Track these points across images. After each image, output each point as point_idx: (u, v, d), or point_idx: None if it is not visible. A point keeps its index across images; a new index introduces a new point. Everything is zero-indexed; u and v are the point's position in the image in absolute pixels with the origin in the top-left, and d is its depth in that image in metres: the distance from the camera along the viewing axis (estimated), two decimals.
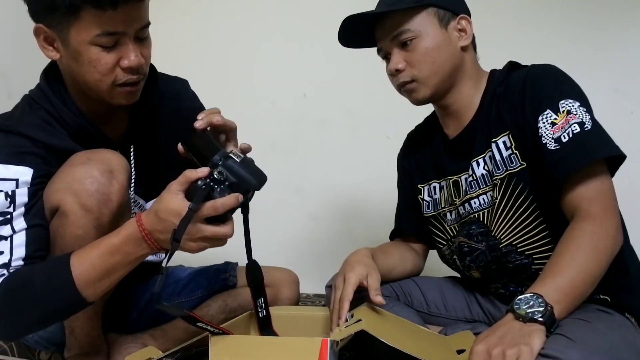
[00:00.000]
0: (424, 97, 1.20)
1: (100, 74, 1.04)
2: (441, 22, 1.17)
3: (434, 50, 1.16)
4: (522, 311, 0.91)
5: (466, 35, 1.19)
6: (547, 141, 1.06)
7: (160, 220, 0.95)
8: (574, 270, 0.96)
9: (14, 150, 1.03)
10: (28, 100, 1.12)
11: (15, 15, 1.80)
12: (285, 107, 2.18)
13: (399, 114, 2.06)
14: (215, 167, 0.96)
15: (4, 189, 1.00)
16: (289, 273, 1.49)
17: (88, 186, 1.03)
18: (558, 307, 0.92)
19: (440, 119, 1.28)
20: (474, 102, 1.20)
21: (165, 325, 1.33)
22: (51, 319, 1.06)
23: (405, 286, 1.33)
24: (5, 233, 0.99)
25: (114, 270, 0.99)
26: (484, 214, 1.19)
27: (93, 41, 1.01)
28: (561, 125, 1.05)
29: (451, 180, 1.25)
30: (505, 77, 1.18)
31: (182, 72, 1.38)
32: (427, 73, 1.17)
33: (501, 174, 1.14)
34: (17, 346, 1.35)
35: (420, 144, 1.37)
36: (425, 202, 1.33)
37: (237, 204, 0.95)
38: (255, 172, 1.00)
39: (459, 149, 1.23)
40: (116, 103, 1.09)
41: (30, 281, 0.97)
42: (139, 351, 1.09)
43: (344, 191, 2.10)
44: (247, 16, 2.21)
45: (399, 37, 1.17)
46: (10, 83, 1.76)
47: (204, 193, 0.93)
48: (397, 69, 1.19)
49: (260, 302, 1.11)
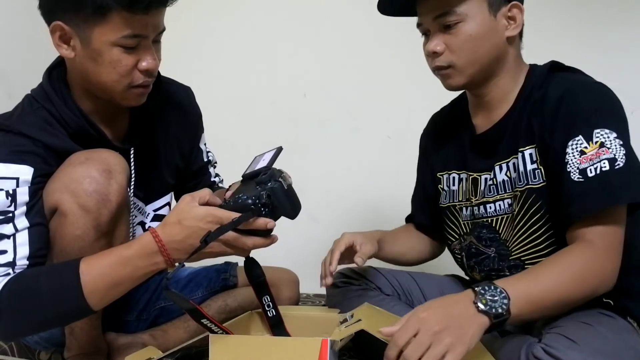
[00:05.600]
0: (457, 85, 1.14)
1: (119, 74, 1.05)
2: (491, 8, 1.09)
3: (478, 38, 1.08)
4: (484, 299, 0.90)
5: (515, 25, 1.11)
6: (572, 170, 1.00)
7: (184, 228, 0.95)
8: (553, 285, 0.95)
9: (14, 149, 1.03)
10: (29, 99, 1.12)
11: (15, 16, 1.81)
12: (285, 107, 2.18)
13: (399, 114, 2.08)
14: (262, 186, 0.98)
15: (5, 188, 1.00)
16: (289, 273, 1.49)
17: (86, 186, 1.02)
18: (515, 315, 0.90)
19: (471, 107, 1.23)
20: (509, 98, 1.14)
21: (165, 325, 1.33)
22: (53, 323, 1.06)
23: (406, 285, 1.33)
24: (8, 232, 0.99)
25: (122, 282, 0.98)
26: (497, 220, 1.16)
27: (117, 42, 1.02)
28: (590, 157, 0.99)
29: (471, 177, 1.21)
30: (544, 82, 1.11)
31: (182, 72, 1.38)
32: (466, 62, 1.10)
33: (522, 186, 1.10)
34: (17, 346, 1.35)
35: (445, 129, 1.31)
36: (444, 191, 1.29)
37: (265, 228, 0.97)
38: (295, 201, 1.02)
39: (484, 146, 1.18)
40: (126, 104, 1.11)
41: (37, 284, 0.96)
42: (139, 351, 1.09)
43: (344, 191, 2.10)
44: (247, 16, 2.21)
45: (443, 19, 1.09)
46: (10, 83, 1.76)
47: (255, 213, 0.96)
48: (434, 51, 1.11)
49: (267, 301, 1.10)
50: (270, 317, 1.11)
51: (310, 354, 0.95)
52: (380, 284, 1.33)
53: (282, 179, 1.00)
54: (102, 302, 0.99)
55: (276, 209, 0.98)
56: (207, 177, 1.39)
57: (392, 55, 2.04)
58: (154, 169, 1.25)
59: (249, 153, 2.33)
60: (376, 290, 1.32)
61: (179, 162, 1.32)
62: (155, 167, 1.26)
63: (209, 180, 1.40)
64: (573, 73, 1.13)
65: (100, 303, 0.99)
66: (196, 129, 1.36)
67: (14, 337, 1.14)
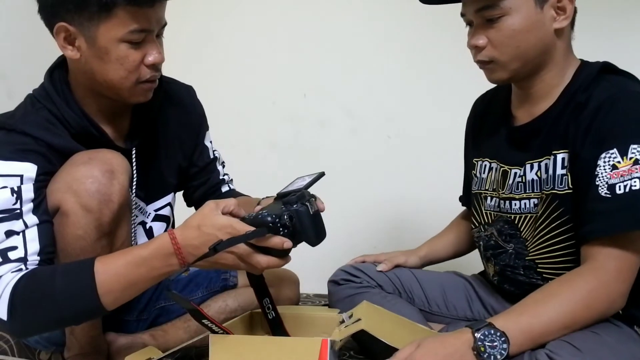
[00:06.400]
0: (500, 79, 1.12)
1: (127, 71, 1.05)
2: (537, 0, 1.04)
3: (522, 33, 1.04)
4: (483, 347, 0.88)
5: (564, 16, 1.05)
6: (600, 183, 0.96)
7: (202, 234, 0.95)
8: (555, 318, 0.93)
9: (17, 147, 1.03)
10: (31, 99, 1.12)
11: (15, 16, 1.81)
12: (285, 107, 2.18)
13: (399, 114, 2.08)
14: (287, 206, 0.97)
15: (9, 185, 1.00)
16: (289, 273, 1.49)
17: (89, 186, 1.02)
18: (515, 352, 0.90)
19: (514, 97, 1.19)
20: (553, 94, 1.09)
21: (165, 325, 1.33)
22: (66, 322, 1.06)
23: (407, 283, 1.33)
24: (17, 228, 0.99)
25: (137, 283, 0.98)
26: (520, 218, 1.14)
27: (123, 38, 1.02)
28: (622, 172, 0.95)
29: (502, 169, 1.18)
30: (591, 84, 1.05)
31: (182, 71, 1.38)
32: (509, 57, 1.06)
33: (548, 189, 1.08)
34: (17, 346, 1.35)
35: (484, 115, 1.29)
36: (476, 177, 1.27)
37: (281, 248, 0.96)
38: (320, 229, 1.00)
39: (520, 139, 1.15)
40: (135, 101, 1.11)
41: (52, 282, 0.96)
42: (139, 351, 1.09)
43: (343, 191, 2.10)
44: (247, 16, 2.21)
45: (485, 12, 1.05)
46: (10, 84, 1.76)
47: (271, 231, 0.94)
48: (476, 45, 1.08)
49: (267, 303, 1.10)
50: (270, 319, 1.11)
51: (310, 354, 0.95)
52: (381, 281, 1.33)
53: (309, 203, 0.98)
54: (117, 302, 0.99)
55: (297, 232, 0.96)
56: (215, 174, 1.39)
57: (392, 55, 2.04)
58: (155, 169, 1.25)
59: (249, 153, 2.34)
60: (377, 287, 1.32)
61: (182, 162, 1.33)
62: (156, 167, 1.26)
63: (218, 178, 1.39)
64: (624, 77, 1.08)
65: (115, 303, 0.99)
66: (199, 127, 1.36)
67: (27, 334, 1.14)
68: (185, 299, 0.96)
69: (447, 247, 1.43)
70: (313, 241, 0.99)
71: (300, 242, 0.98)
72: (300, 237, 0.97)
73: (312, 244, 0.99)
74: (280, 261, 0.98)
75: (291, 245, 0.96)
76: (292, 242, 0.96)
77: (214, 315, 1.32)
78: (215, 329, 0.99)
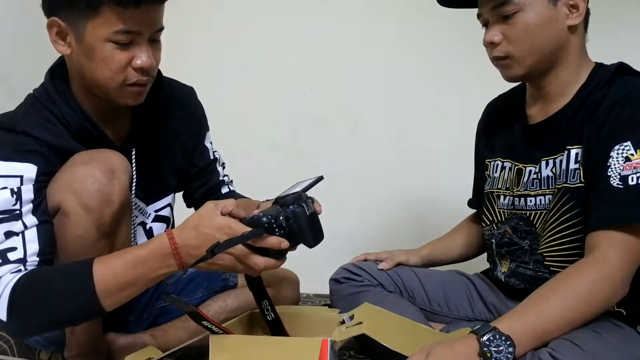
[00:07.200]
0: (516, 76, 1.14)
1: (111, 71, 1.04)
2: None
3: (536, 27, 1.07)
4: (489, 352, 0.89)
5: (577, 13, 1.09)
6: (613, 174, 0.99)
7: (200, 234, 0.95)
8: (558, 316, 0.94)
9: (17, 147, 1.03)
10: (31, 99, 1.12)
11: (15, 17, 1.81)
12: (285, 107, 2.18)
13: (399, 114, 2.08)
14: (284, 208, 0.97)
15: (9, 186, 1.00)
16: (289, 273, 1.49)
17: (89, 186, 1.02)
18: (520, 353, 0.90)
19: (528, 96, 1.21)
20: (567, 92, 1.12)
21: (165, 325, 1.33)
22: (65, 322, 1.06)
23: (408, 282, 1.33)
24: (17, 229, 0.99)
25: (135, 283, 0.98)
26: (535, 214, 1.15)
27: (109, 38, 1.02)
28: (635, 164, 0.97)
29: (516, 167, 1.20)
30: (607, 83, 1.08)
31: (182, 71, 1.38)
32: (524, 52, 1.09)
33: (560, 184, 1.09)
34: (17, 346, 1.35)
35: (498, 117, 1.31)
36: (489, 178, 1.29)
37: (279, 248, 0.96)
38: (317, 230, 1.00)
39: (535, 138, 1.17)
40: (122, 103, 1.10)
41: (50, 282, 0.96)
42: (139, 351, 1.09)
43: (343, 191, 2.10)
44: (247, 16, 2.21)
45: (500, 9, 1.08)
46: (11, 84, 1.76)
47: (267, 231, 0.95)
48: (492, 41, 1.11)
49: (265, 305, 1.10)
50: (270, 320, 1.11)
51: (310, 354, 0.95)
52: (382, 280, 1.33)
53: (305, 205, 0.98)
54: (115, 302, 0.99)
55: (294, 233, 0.97)
56: (216, 175, 1.39)
57: (392, 55, 2.04)
58: (155, 170, 1.25)
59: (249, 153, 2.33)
60: (379, 286, 1.32)
61: (182, 163, 1.33)
62: (156, 168, 1.26)
63: (218, 179, 1.39)
64: (639, 78, 1.09)
65: (113, 303, 0.99)
66: (199, 127, 1.36)
67: (26, 334, 1.14)
68: (184, 302, 0.96)
69: (452, 249, 1.44)
70: (310, 242, 0.99)
71: (297, 243, 0.99)
72: (297, 238, 0.98)
73: (309, 245, 0.99)
74: (277, 262, 0.98)
75: (288, 245, 0.97)
76: (288, 243, 0.96)
77: (214, 315, 1.32)
78: (215, 330, 0.99)
